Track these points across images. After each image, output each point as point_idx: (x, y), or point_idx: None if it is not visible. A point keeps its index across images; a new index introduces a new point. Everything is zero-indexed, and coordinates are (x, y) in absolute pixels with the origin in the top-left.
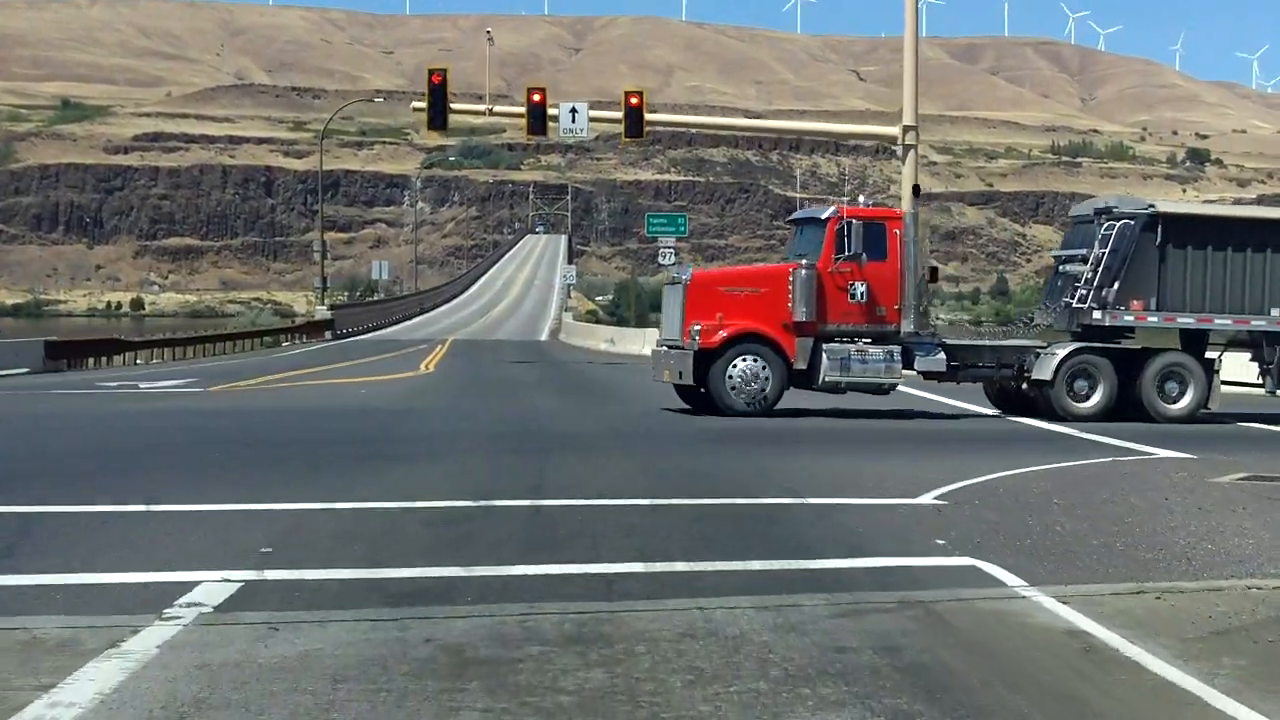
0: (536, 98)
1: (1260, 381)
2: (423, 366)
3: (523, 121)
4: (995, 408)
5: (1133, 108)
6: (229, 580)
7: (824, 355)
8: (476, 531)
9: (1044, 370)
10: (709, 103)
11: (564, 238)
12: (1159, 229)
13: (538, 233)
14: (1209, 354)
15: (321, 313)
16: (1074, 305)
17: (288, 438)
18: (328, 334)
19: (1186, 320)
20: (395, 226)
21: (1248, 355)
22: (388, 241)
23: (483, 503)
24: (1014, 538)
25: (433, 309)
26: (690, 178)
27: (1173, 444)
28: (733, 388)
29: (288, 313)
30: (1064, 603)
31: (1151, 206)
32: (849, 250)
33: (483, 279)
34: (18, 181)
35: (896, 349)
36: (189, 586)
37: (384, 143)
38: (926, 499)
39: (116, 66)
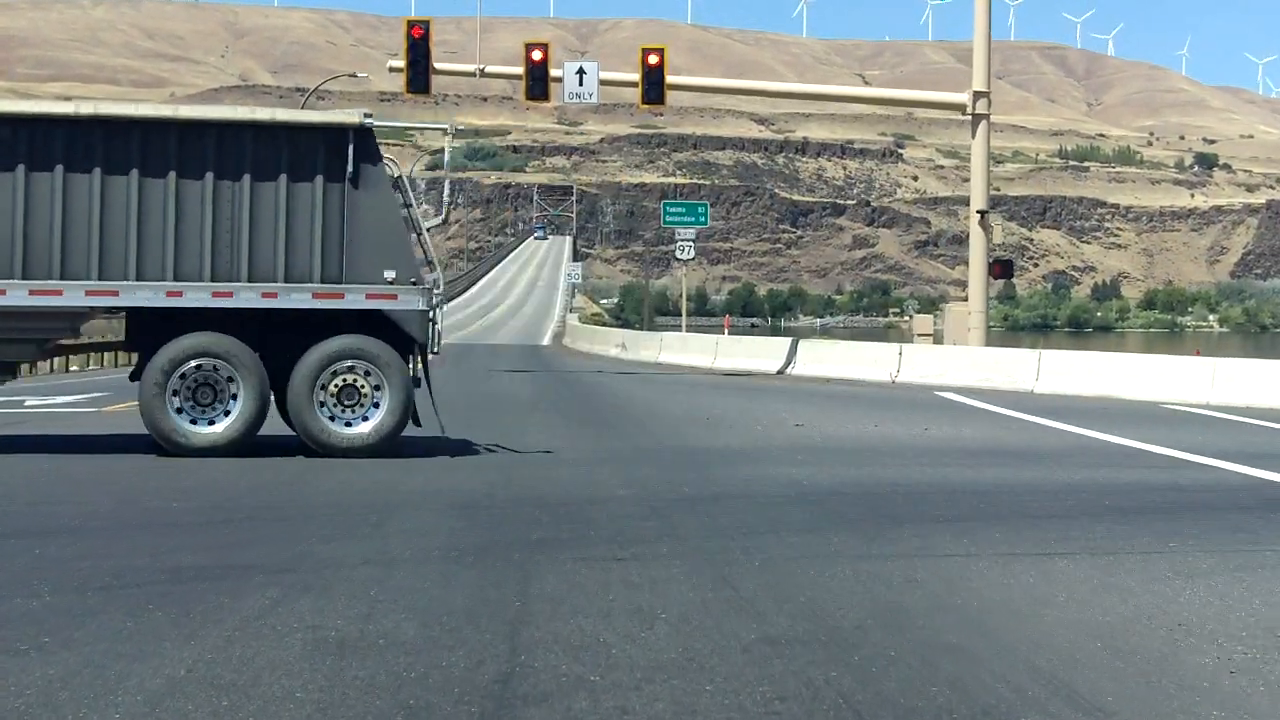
0: (537, 55)
1: None
2: None
3: (525, 122)
4: None
5: (1139, 112)
6: None
7: None
8: None
9: None
10: (714, 105)
11: (568, 239)
12: None
13: (538, 238)
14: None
15: None
16: None
17: (94, 520)
18: None
19: None
20: None
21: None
22: None
23: None
24: None
25: None
26: (696, 180)
27: None
28: None
29: None
30: None
31: None
32: None
33: (483, 280)
34: None
35: None
36: None
37: (387, 143)
38: None
39: (120, 67)
